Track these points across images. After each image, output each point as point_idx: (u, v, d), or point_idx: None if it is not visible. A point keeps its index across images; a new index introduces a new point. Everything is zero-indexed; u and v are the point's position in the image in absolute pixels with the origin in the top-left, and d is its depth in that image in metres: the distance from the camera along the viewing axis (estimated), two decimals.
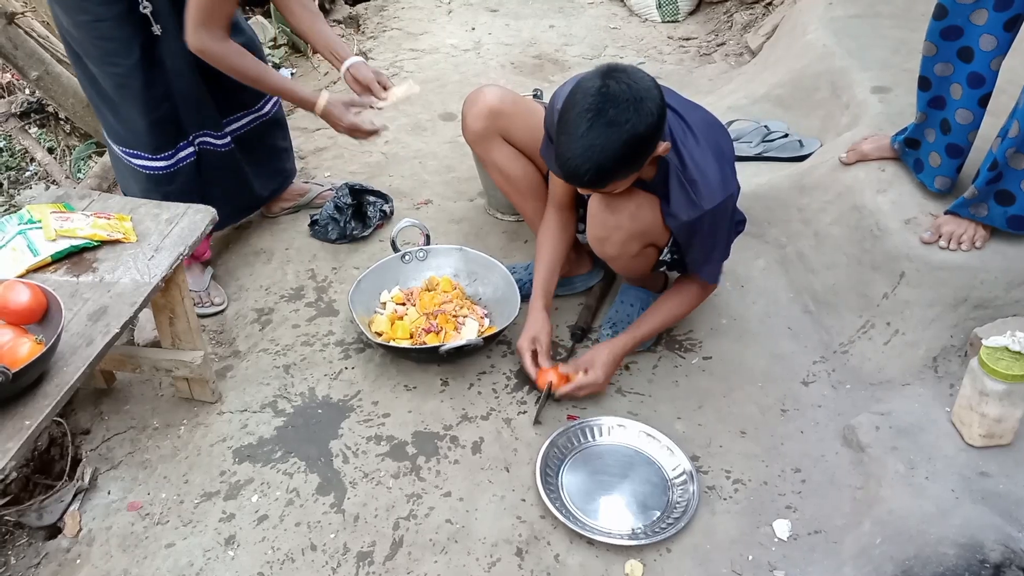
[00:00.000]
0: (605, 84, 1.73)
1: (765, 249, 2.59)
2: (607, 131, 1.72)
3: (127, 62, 2.15)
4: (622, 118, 1.71)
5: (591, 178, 1.79)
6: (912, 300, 2.15)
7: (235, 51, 2.19)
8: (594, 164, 1.75)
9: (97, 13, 2.06)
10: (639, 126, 1.72)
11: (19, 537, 1.95)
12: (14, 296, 1.67)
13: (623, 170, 1.80)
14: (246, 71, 2.22)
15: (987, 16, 1.94)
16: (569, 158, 1.77)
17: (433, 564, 1.82)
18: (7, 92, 3.56)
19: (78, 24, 2.12)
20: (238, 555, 1.85)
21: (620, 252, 2.08)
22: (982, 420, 1.84)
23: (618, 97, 1.72)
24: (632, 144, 1.74)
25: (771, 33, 3.82)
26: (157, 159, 2.32)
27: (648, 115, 1.73)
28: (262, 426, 2.15)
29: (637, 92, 1.72)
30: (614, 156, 1.74)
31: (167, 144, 2.31)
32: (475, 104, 2.30)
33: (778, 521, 1.88)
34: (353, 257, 2.73)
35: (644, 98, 1.73)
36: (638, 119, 1.72)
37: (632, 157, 1.77)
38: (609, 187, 1.86)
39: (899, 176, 2.33)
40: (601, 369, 2.11)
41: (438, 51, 4.23)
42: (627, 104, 1.71)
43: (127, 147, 2.33)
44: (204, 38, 2.11)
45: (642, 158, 1.80)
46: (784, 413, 2.14)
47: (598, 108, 1.72)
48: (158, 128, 2.27)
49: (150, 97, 2.22)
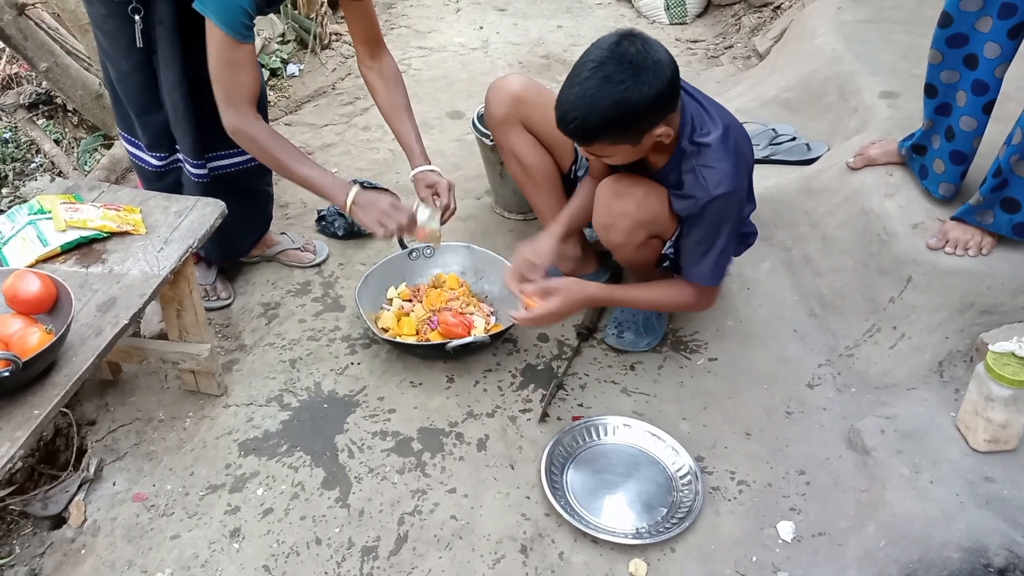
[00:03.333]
0: (619, 42, 1.75)
1: (772, 252, 2.59)
2: (600, 85, 1.73)
3: (126, 63, 2.15)
4: (618, 78, 1.72)
5: (575, 128, 1.79)
6: (919, 305, 2.15)
7: (265, 133, 2.05)
8: (580, 114, 1.76)
9: (109, 9, 2.07)
10: (632, 92, 1.72)
11: (24, 526, 1.96)
12: (24, 286, 1.67)
13: (609, 132, 1.79)
14: (275, 156, 2.05)
15: (992, 24, 1.94)
16: (562, 101, 1.79)
17: (437, 560, 1.83)
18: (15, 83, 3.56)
19: (92, 15, 2.14)
20: (243, 548, 1.85)
21: (625, 240, 2.08)
22: (987, 425, 1.85)
23: (623, 58, 1.73)
24: (621, 107, 1.74)
25: (779, 36, 3.83)
26: (150, 155, 2.32)
27: (645, 85, 1.73)
28: (268, 420, 2.15)
29: (643, 60, 1.73)
30: (601, 113, 1.74)
31: (160, 146, 2.30)
32: (499, 90, 2.32)
33: (782, 523, 1.88)
34: (360, 253, 2.74)
35: (648, 68, 1.73)
36: (633, 85, 1.72)
37: (619, 121, 1.77)
38: (596, 147, 1.86)
39: (907, 181, 2.33)
40: (559, 299, 2.03)
41: (446, 49, 4.24)
42: (628, 67, 1.72)
43: (129, 135, 2.35)
44: (233, 118, 2.00)
45: (632, 129, 1.80)
46: (789, 415, 2.14)
47: (601, 61, 1.74)
48: (151, 130, 2.26)
49: (144, 100, 2.21)
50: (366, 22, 2.23)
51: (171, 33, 2.07)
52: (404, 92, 2.31)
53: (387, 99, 2.28)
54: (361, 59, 2.29)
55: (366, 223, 2.09)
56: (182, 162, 2.33)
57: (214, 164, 2.33)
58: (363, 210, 2.08)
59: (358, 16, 2.22)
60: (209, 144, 2.26)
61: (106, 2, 2.06)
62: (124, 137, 2.37)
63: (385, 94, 2.28)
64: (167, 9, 2.03)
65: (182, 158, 2.31)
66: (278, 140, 2.07)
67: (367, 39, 2.25)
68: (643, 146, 1.85)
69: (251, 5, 1.88)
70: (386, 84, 2.28)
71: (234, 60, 1.94)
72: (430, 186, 2.20)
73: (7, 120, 3.47)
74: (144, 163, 2.35)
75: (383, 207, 2.08)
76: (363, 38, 2.25)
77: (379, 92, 2.29)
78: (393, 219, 2.07)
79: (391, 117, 2.29)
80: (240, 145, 2.07)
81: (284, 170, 2.07)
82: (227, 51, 1.92)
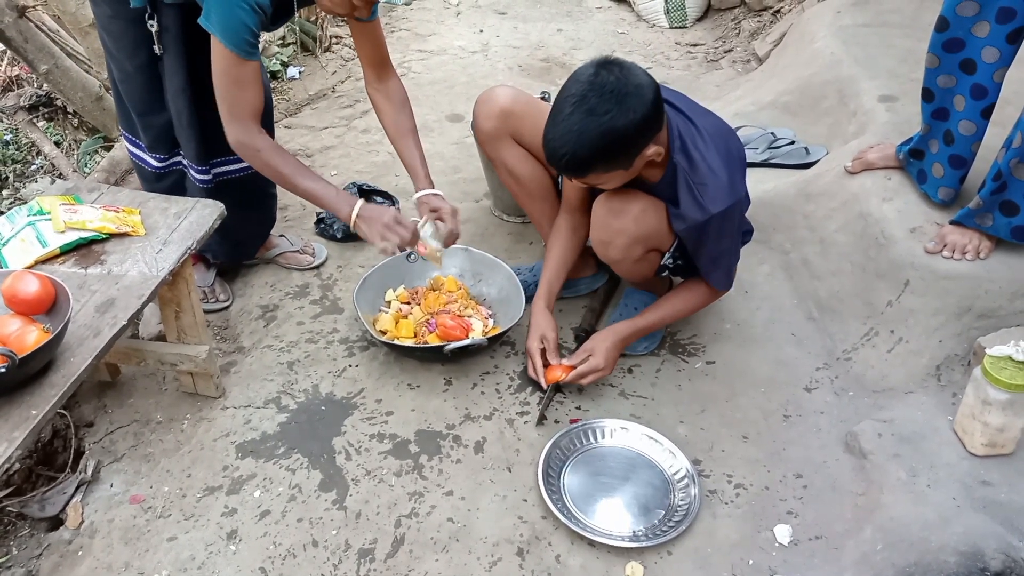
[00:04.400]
0: (597, 73, 1.75)
1: (770, 255, 2.60)
2: (585, 119, 1.73)
3: (130, 64, 2.15)
4: (601, 108, 1.72)
5: (567, 163, 1.80)
6: (916, 308, 2.15)
7: (268, 147, 2.05)
8: (570, 150, 1.76)
9: (115, 10, 2.07)
10: (618, 120, 1.72)
11: (21, 528, 1.96)
12: (23, 286, 1.68)
13: (600, 162, 1.80)
14: (278, 170, 2.05)
15: (989, 28, 1.94)
16: (550, 139, 1.79)
17: (434, 563, 1.83)
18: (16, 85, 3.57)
19: (98, 15, 2.15)
20: (240, 549, 1.85)
21: (623, 256, 2.08)
22: (984, 429, 1.85)
23: (604, 88, 1.73)
24: (609, 137, 1.74)
25: (779, 40, 3.83)
26: (151, 156, 2.32)
27: (630, 111, 1.73)
28: (265, 422, 2.15)
29: (624, 87, 1.73)
30: (590, 145, 1.75)
31: (161, 147, 2.30)
32: (487, 104, 2.31)
33: (779, 526, 1.88)
34: (358, 256, 2.74)
35: (630, 94, 1.73)
36: (618, 113, 1.72)
37: (609, 150, 1.77)
38: (590, 178, 1.87)
39: (905, 185, 2.33)
40: (603, 354, 2.11)
41: (446, 52, 4.24)
42: (610, 96, 1.72)
43: (131, 135, 2.35)
44: (236, 132, 2.01)
45: (622, 155, 1.80)
46: (787, 419, 2.14)
47: (582, 95, 1.74)
48: (152, 131, 2.27)
49: (147, 101, 2.21)
50: (374, 44, 2.23)
51: (177, 40, 2.08)
52: (411, 115, 2.31)
53: (394, 122, 2.28)
54: (368, 81, 2.30)
55: (369, 237, 2.09)
56: (186, 167, 2.33)
57: (219, 170, 2.34)
58: (367, 224, 2.08)
59: (366, 38, 2.22)
60: (214, 150, 2.26)
61: (112, 3, 2.06)
62: (126, 137, 2.38)
63: (392, 117, 2.28)
64: (173, 16, 2.04)
65: (186, 163, 2.32)
66: (281, 154, 2.07)
67: (375, 61, 2.26)
68: (635, 168, 1.86)
69: (256, 24, 1.88)
70: (393, 107, 2.28)
71: (239, 77, 1.94)
72: (434, 210, 2.20)
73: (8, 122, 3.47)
74: (145, 163, 2.36)
75: (386, 221, 2.07)
76: (371, 60, 2.25)
77: (386, 115, 2.29)
78: (396, 233, 2.07)
79: (398, 140, 2.29)
80: (243, 158, 2.07)
81: (287, 183, 2.07)
82: (232, 68, 1.92)
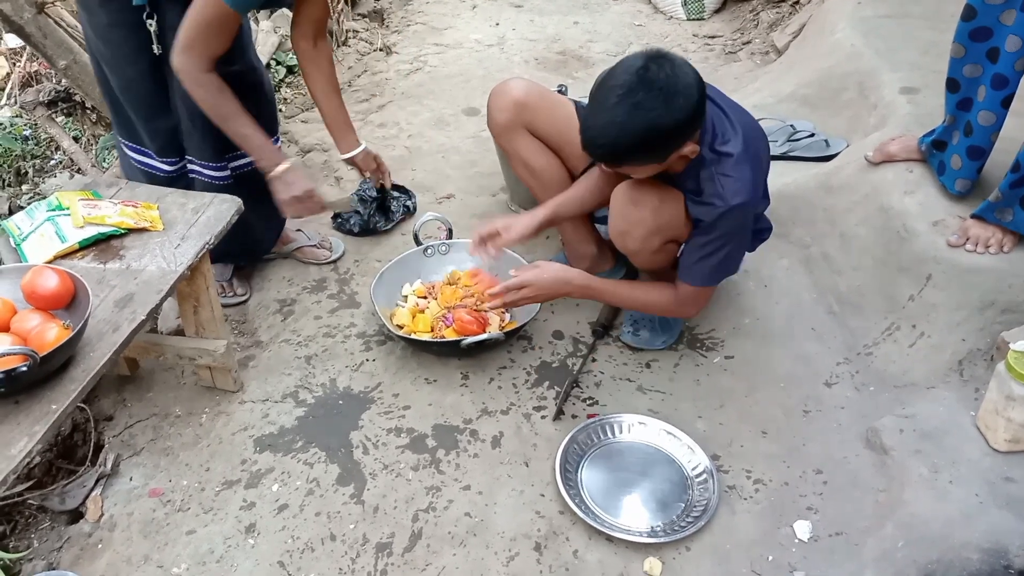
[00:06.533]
0: (646, 66, 1.72)
1: (789, 249, 2.57)
2: (631, 112, 1.71)
3: (132, 70, 2.15)
4: (648, 104, 1.70)
5: (604, 153, 1.79)
6: (938, 303, 2.13)
7: (212, 84, 2.06)
8: (610, 140, 1.75)
9: (113, 18, 2.07)
10: (664, 118, 1.71)
11: (42, 521, 1.97)
12: (42, 282, 1.69)
13: (638, 156, 1.79)
14: (216, 109, 2.08)
15: (1015, 17, 1.91)
16: (589, 127, 1.78)
17: (452, 557, 1.83)
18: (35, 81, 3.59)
19: (93, 25, 2.13)
20: (258, 543, 1.86)
21: (641, 247, 2.07)
22: (1008, 425, 1.82)
23: (653, 83, 1.70)
24: (652, 133, 1.72)
25: (798, 32, 3.80)
26: (161, 161, 2.32)
27: (676, 110, 1.71)
28: (283, 416, 2.16)
29: (674, 85, 1.71)
30: (631, 139, 1.73)
31: (171, 151, 2.30)
32: (501, 96, 2.30)
33: (799, 522, 1.87)
34: (375, 250, 2.74)
35: (678, 93, 1.71)
36: (664, 111, 1.70)
37: (650, 146, 1.76)
38: (624, 168, 1.86)
39: (926, 178, 2.30)
40: (534, 272, 2.06)
41: (462, 46, 4.23)
42: (659, 93, 1.70)
43: (134, 143, 2.33)
44: (185, 61, 2.01)
45: (661, 151, 1.79)
46: (807, 414, 2.13)
47: (630, 87, 1.71)
48: (160, 136, 2.26)
49: (153, 105, 2.21)
50: (322, 6, 2.32)
51: None
52: (336, 77, 2.46)
53: (323, 89, 2.42)
54: (302, 50, 2.38)
55: (280, 198, 2.22)
56: (195, 169, 2.33)
57: (236, 164, 2.35)
58: (284, 186, 2.21)
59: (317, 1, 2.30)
60: (229, 144, 2.25)
61: (111, 11, 2.06)
62: (128, 146, 2.34)
63: (323, 84, 2.41)
64: (177, 13, 2.03)
65: (198, 163, 2.32)
66: (224, 94, 2.10)
67: (320, 28, 2.35)
68: (669, 162, 1.84)
69: None
70: (323, 74, 2.41)
71: (216, 18, 1.98)
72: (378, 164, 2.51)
73: (27, 118, 3.50)
74: (155, 170, 2.34)
75: (298, 194, 2.22)
76: (318, 24, 2.34)
77: (316, 81, 2.41)
78: (307, 208, 2.26)
79: (326, 100, 2.43)
80: (185, 87, 2.07)
81: (224, 124, 2.12)
82: (212, 6, 1.95)
